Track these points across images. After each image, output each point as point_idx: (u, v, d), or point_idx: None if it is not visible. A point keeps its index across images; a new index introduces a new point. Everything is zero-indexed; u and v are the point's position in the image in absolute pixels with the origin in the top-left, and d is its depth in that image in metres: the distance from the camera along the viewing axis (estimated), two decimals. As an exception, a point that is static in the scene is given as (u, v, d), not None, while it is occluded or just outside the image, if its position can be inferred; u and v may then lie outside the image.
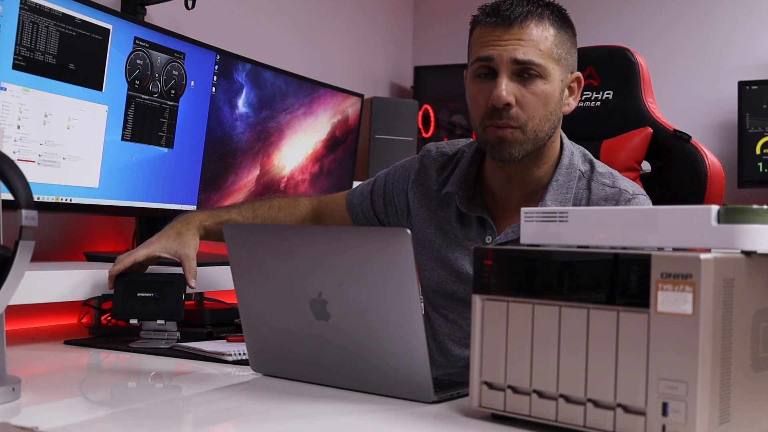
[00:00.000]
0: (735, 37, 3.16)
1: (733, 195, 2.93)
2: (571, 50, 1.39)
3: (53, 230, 1.97)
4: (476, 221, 1.43)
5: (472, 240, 1.43)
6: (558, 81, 1.35)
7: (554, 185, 1.39)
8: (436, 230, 1.48)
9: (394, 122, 2.98)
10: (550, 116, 1.35)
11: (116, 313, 1.52)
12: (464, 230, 1.44)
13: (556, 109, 1.36)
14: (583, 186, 1.40)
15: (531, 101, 1.32)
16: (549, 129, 1.36)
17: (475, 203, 1.44)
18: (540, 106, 1.33)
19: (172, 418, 1.01)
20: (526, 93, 1.32)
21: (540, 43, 1.32)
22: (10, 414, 0.94)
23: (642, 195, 1.40)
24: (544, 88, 1.33)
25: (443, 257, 1.47)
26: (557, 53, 1.34)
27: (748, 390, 0.83)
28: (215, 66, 2.11)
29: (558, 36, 1.35)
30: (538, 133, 1.34)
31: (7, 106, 1.59)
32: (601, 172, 1.42)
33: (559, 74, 1.35)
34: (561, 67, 1.36)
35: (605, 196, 1.38)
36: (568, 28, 1.39)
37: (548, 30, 1.33)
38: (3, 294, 0.95)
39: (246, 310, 1.19)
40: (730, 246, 0.81)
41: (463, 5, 3.68)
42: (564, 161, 1.41)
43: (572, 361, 0.85)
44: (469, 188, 1.45)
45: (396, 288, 1.01)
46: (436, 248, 1.48)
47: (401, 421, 0.96)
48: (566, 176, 1.40)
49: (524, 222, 0.97)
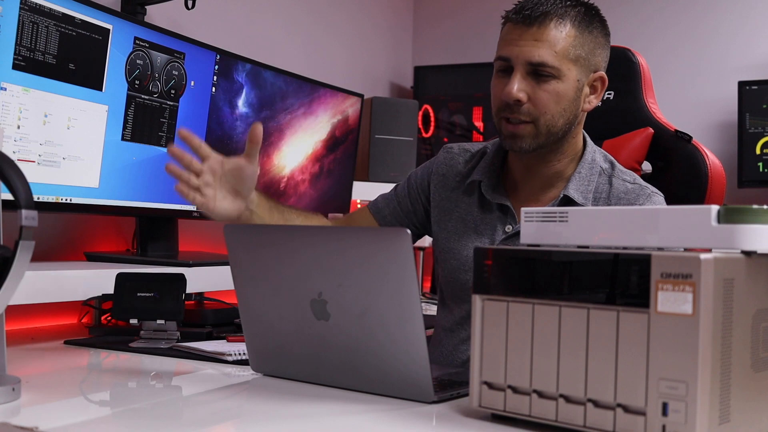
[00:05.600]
0: (735, 37, 3.16)
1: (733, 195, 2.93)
2: (595, 50, 1.41)
3: (53, 230, 1.97)
4: (498, 209, 1.48)
5: (492, 228, 1.48)
6: (574, 80, 1.38)
7: (577, 176, 1.44)
8: (456, 222, 1.52)
9: (394, 122, 2.98)
10: (564, 113, 1.39)
11: (116, 313, 1.52)
12: (485, 218, 1.49)
13: (570, 106, 1.39)
14: (605, 181, 1.45)
15: (543, 98, 1.37)
16: (564, 124, 1.40)
17: (499, 192, 1.49)
18: (552, 103, 1.37)
19: (172, 418, 1.01)
20: (539, 90, 1.37)
21: (557, 44, 1.35)
22: (10, 414, 0.94)
23: (660, 195, 1.45)
24: (557, 87, 1.37)
25: (460, 247, 1.50)
26: (575, 54, 1.37)
27: (748, 390, 0.83)
28: (215, 66, 2.11)
29: (579, 37, 1.38)
30: (551, 128, 1.39)
31: (7, 106, 1.59)
32: (623, 170, 1.48)
33: (575, 74, 1.38)
34: (579, 67, 1.39)
35: (626, 190, 1.43)
36: (596, 28, 1.41)
37: (569, 31, 1.36)
38: (3, 294, 0.95)
39: (246, 310, 1.19)
40: (730, 246, 0.81)
41: (463, 5, 3.69)
42: (587, 157, 1.47)
43: (572, 361, 0.85)
44: (494, 177, 1.50)
45: (396, 288, 1.01)
46: (455, 240, 1.51)
47: (401, 421, 0.96)
48: (588, 170, 1.45)
49: (524, 222, 0.97)
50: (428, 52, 3.66)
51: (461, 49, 3.49)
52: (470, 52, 3.42)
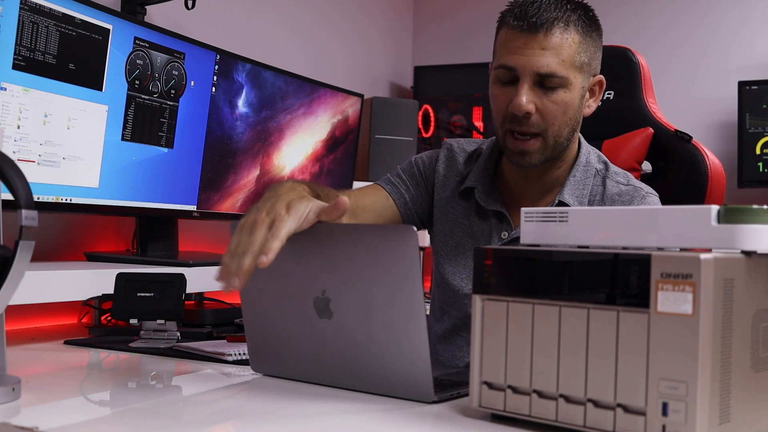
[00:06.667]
0: (735, 37, 3.16)
1: (733, 195, 2.93)
2: (595, 54, 1.38)
3: (53, 230, 1.97)
4: (494, 215, 1.46)
5: (487, 235, 1.46)
6: (579, 88, 1.36)
7: (572, 180, 1.42)
8: (452, 225, 1.51)
9: (394, 122, 2.98)
10: (569, 122, 1.37)
11: (116, 313, 1.52)
12: (481, 225, 1.47)
13: (575, 114, 1.38)
14: (599, 183, 1.43)
15: (551, 109, 1.34)
16: (568, 134, 1.38)
17: (494, 198, 1.46)
18: (560, 113, 1.34)
19: (172, 418, 1.01)
20: (547, 101, 1.33)
21: (563, 53, 1.32)
22: (10, 414, 0.94)
23: (654, 195, 1.43)
24: (564, 96, 1.34)
25: (455, 252, 1.49)
26: (580, 61, 1.34)
27: (748, 390, 0.83)
28: (215, 66, 2.11)
29: (583, 43, 1.34)
30: (558, 139, 1.37)
31: (7, 106, 1.59)
32: (616, 171, 1.46)
33: (580, 81, 1.36)
34: (583, 74, 1.36)
35: (620, 192, 1.41)
36: (594, 31, 1.37)
37: (573, 37, 1.33)
38: (3, 294, 0.95)
39: (249, 308, 1.19)
40: (730, 246, 0.81)
41: (463, 5, 3.69)
42: (581, 159, 1.44)
43: (572, 361, 0.85)
44: (488, 183, 1.47)
45: (400, 287, 1.01)
46: (452, 245, 1.50)
47: (401, 421, 0.96)
48: (583, 173, 1.43)
49: (524, 222, 0.97)
50: (428, 52, 3.66)
51: (461, 49, 3.49)
52: (470, 52, 3.42)
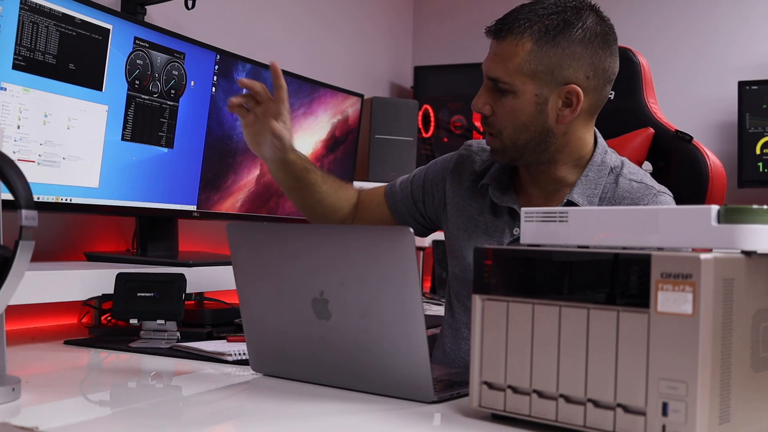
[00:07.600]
0: (735, 37, 3.16)
1: (733, 195, 2.93)
2: (562, 63, 1.34)
3: (53, 230, 1.97)
4: (507, 213, 1.48)
5: (500, 231, 1.48)
6: (531, 95, 1.35)
7: (583, 180, 1.43)
8: (467, 221, 1.52)
9: (394, 122, 2.98)
10: (526, 128, 1.37)
11: (116, 313, 1.52)
12: (496, 221, 1.49)
13: (533, 121, 1.37)
14: (612, 180, 1.43)
15: (501, 113, 1.39)
16: (528, 139, 1.38)
17: (508, 195, 1.49)
18: (510, 118, 1.38)
19: (172, 418, 1.01)
20: (499, 105, 1.39)
21: (509, 60, 1.34)
22: (10, 414, 0.94)
23: (668, 194, 1.43)
24: (513, 102, 1.36)
25: (470, 247, 1.50)
26: (530, 69, 1.34)
27: (748, 390, 0.83)
28: (215, 66, 2.11)
29: (537, 51, 1.33)
30: (516, 142, 1.39)
31: (7, 106, 1.59)
32: (631, 170, 1.45)
33: (533, 89, 1.35)
34: (538, 82, 1.34)
35: (631, 190, 1.41)
36: (565, 40, 1.33)
37: (524, 46, 1.33)
38: (3, 294, 0.95)
39: (247, 309, 1.19)
40: (730, 246, 0.81)
41: (463, 5, 3.69)
42: (596, 158, 1.44)
43: (572, 361, 0.85)
44: (504, 182, 1.50)
45: (398, 287, 1.01)
46: (465, 238, 1.52)
47: (401, 421, 0.96)
48: (597, 173, 1.43)
49: (524, 222, 0.97)
50: (428, 52, 3.66)
51: (461, 49, 3.49)
52: (470, 52, 3.41)
